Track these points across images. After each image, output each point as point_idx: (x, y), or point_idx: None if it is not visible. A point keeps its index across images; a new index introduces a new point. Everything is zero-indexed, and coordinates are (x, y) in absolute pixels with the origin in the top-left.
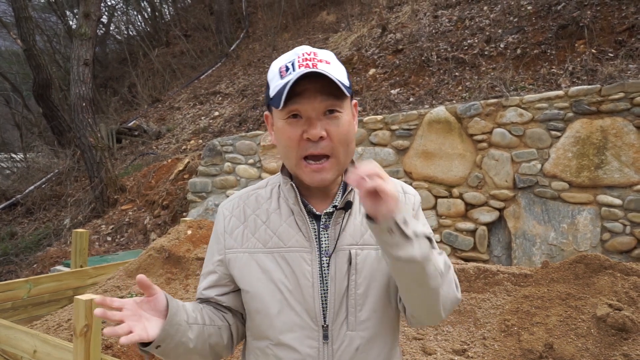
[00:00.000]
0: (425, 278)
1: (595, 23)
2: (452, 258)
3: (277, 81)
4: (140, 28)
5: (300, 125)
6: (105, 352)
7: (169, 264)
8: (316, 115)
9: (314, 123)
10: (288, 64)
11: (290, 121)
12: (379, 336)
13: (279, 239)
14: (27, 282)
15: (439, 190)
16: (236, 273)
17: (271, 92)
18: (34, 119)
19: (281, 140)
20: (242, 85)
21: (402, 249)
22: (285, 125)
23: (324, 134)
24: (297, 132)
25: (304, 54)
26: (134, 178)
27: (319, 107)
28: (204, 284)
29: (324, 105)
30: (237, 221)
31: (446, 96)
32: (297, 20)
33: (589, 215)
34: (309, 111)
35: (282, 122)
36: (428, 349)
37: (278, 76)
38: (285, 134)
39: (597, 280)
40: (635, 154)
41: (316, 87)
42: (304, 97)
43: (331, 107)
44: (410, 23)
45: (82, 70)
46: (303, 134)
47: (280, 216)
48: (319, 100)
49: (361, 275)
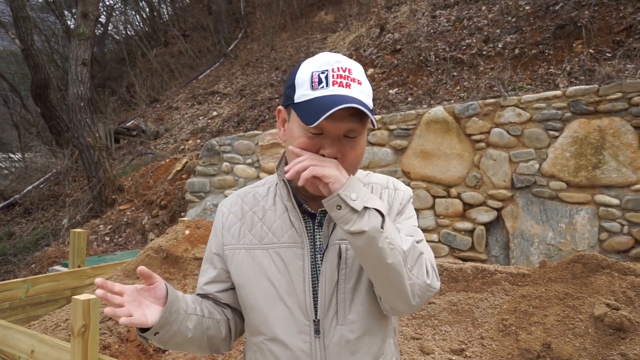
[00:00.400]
0: (380, 253)
1: (593, 23)
2: (450, 258)
3: (307, 90)
4: (138, 28)
5: (319, 141)
6: (103, 352)
7: (167, 264)
8: (337, 136)
9: (334, 143)
10: (321, 75)
11: (311, 136)
12: (370, 330)
13: (274, 235)
14: (25, 282)
15: (437, 190)
16: (233, 269)
17: (297, 98)
18: (32, 119)
19: (294, 144)
20: (241, 85)
21: (351, 222)
22: (304, 139)
23: (339, 155)
24: (315, 145)
25: (339, 69)
26: (132, 178)
27: (342, 128)
28: (203, 279)
29: (347, 128)
30: (234, 218)
31: (444, 96)
32: (296, 20)
33: (586, 215)
34: (332, 132)
35: (302, 133)
36: (426, 348)
37: (309, 84)
38: (301, 144)
39: (594, 280)
40: (632, 154)
41: (346, 111)
42: (332, 118)
43: (353, 131)
44: (408, 23)
45: (80, 70)
46: (319, 150)
47: (275, 213)
48: (344, 123)
49: (351, 270)
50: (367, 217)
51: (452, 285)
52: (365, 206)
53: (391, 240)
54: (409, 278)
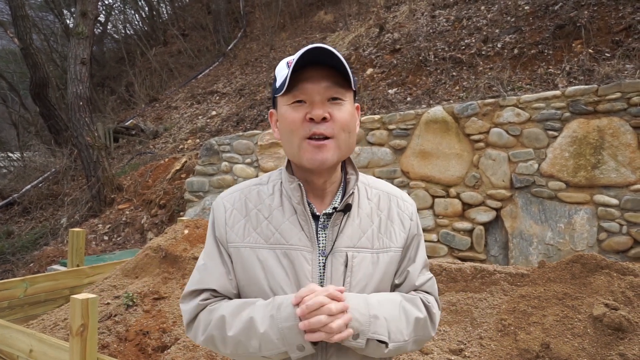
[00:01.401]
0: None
1: (592, 23)
2: (449, 257)
3: (284, 71)
4: (137, 27)
5: (304, 109)
6: (102, 352)
7: (166, 263)
8: (320, 99)
9: (318, 105)
10: (295, 57)
11: (295, 105)
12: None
13: (281, 236)
14: (23, 281)
15: (436, 190)
16: (238, 267)
17: (278, 83)
18: (31, 118)
19: (285, 125)
20: (240, 84)
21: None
22: (289, 110)
23: (327, 115)
24: (301, 114)
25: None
26: (131, 177)
27: (323, 92)
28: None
29: (329, 93)
30: (238, 214)
31: (443, 96)
32: (295, 20)
33: (585, 215)
34: (313, 95)
35: (287, 107)
36: (424, 348)
37: (285, 67)
38: (289, 117)
39: (593, 280)
40: (631, 154)
41: (322, 74)
42: (309, 82)
43: (335, 95)
44: (407, 23)
45: (79, 69)
46: (306, 115)
47: (283, 214)
48: (323, 86)
49: (356, 278)
50: (371, 348)
51: (451, 285)
52: (368, 338)
53: (395, 346)
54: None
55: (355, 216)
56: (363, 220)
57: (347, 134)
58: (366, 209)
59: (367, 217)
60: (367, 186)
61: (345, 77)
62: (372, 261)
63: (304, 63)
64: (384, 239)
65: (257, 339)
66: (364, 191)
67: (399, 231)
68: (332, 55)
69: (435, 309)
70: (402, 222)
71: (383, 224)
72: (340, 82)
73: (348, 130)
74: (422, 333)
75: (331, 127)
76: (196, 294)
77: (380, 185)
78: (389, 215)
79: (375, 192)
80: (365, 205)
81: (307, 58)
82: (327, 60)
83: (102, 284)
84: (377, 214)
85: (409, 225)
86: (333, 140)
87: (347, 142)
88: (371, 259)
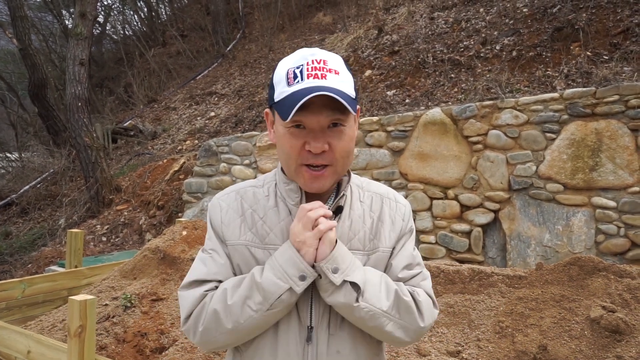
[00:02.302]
0: (359, 320)
1: (590, 26)
2: (447, 259)
3: (284, 87)
4: (136, 28)
5: (302, 136)
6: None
7: (164, 264)
8: (320, 129)
9: (318, 137)
10: (296, 70)
11: (293, 131)
12: (362, 340)
13: (276, 237)
14: (21, 282)
15: (435, 191)
16: (235, 263)
17: (276, 97)
18: (30, 119)
19: (282, 147)
20: (238, 85)
21: (328, 293)
22: (287, 135)
23: (326, 148)
24: (299, 142)
25: (314, 61)
26: (130, 178)
27: (324, 121)
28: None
29: (329, 120)
30: (234, 214)
31: (442, 98)
32: (294, 21)
33: (583, 217)
34: (313, 124)
35: (285, 130)
36: (422, 350)
37: (285, 82)
38: (287, 143)
39: (591, 282)
40: (629, 156)
41: (322, 101)
42: (309, 111)
43: (335, 121)
44: (406, 25)
45: (77, 70)
46: (305, 145)
47: (277, 214)
48: (324, 115)
49: None
50: (343, 291)
51: (449, 287)
52: (345, 280)
53: (369, 308)
54: (400, 327)
55: (346, 218)
56: (354, 222)
57: (345, 158)
58: (358, 211)
59: (359, 219)
60: (361, 189)
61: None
62: (363, 263)
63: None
64: (375, 240)
65: (258, 291)
66: (357, 193)
67: (389, 232)
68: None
69: (423, 298)
70: (393, 223)
71: (375, 226)
72: (342, 109)
73: (347, 155)
74: (406, 316)
75: (330, 156)
76: (200, 284)
77: (373, 188)
78: (380, 216)
79: (369, 195)
80: (358, 207)
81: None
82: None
83: (100, 285)
84: (370, 216)
85: (400, 226)
86: (331, 168)
87: (344, 164)
88: (362, 260)
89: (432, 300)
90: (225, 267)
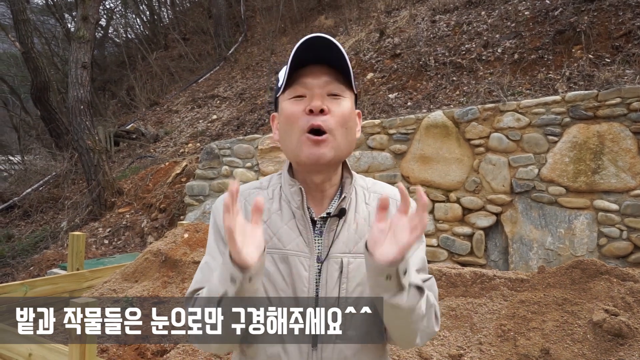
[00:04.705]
0: (406, 321)
1: (592, 29)
2: (449, 262)
3: (286, 70)
4: (138, 31)
5: (303, 103)
6: (101, 356)
7: (166, 267)
8: (320, 93)
9: (317, 97)
10: (296, 46)
11: (295, 100)
12: (368, 346)
13: (279, 241)
14: (23, 284)
15: (436, 194)
16: None
17: (280, 81)
18: (32, 122)
19: (284, 119)
20: (240, 88)
21: (392, 295)
22: (289, 104)
23: (325, 108)
24: (300, 107)
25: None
26: (132, 181)
27: (323, 86)
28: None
29: (328, 88)
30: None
31: (444, 100)
32: (296, 25)
33: (585, 220)
34: (313, 88)
35: (287, 102)
36: (424, 354)
37: (287, 66)
38: (288, 110)
39: (593, 286)
40: (631, 159)
41: (322, 70)
42: (309, 77)
43: (334, 91)
44: (408, 28)
45: (80, 73)
46: (305, 108)
47: (281, 218)
48: (323, 80)
49: (352, 284)
50: (407, 294)
51: (451, 290)
52: (410, 283)
53: (419, 311)
54: (421, 332)
55: (351, 221)
56: (360, 225)
57: (345, 129)
58: (364, 214)
59: (364, 221)
60: (366, 190)
61: (345, 74)
62: None
63: (305, 59)
64: None
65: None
66: (362, 195)
67: None
68: (331, 47)
69: (436, 303)
70: None
71: None
72: (340, 79)
73: (346, 126)
74: (429, 321)
75: (329, 120)
76: (198, 293)
77: (379, 189)
78: None
79: (375, 196)
80: (363, 209)
81: (308, 54)
82: (327, 56)
83: (101, 287)
84: None
85: None
86: (331, 136)
87: (345, 139)
88: None
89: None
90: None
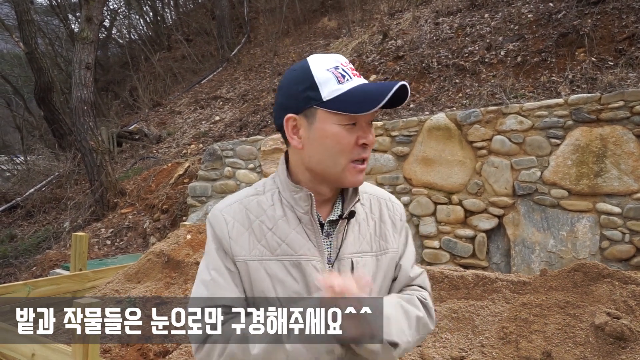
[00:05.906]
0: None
1: (595, 31)
2: (451, 265)
3: (335, 86)
4: (142, 32)
5: (355, 131)
6: (104, 356)
7: (168, 268)
8: (367, 124)
9: (367, 130)
10: (339, 70)
11: (349, 128)
12: None
13: (289, 247)
14: (26, 285)
15: (439, 196)
16: (245, 280)
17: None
18: (35, 122)
19: (334, 144)
20: (243, 90)
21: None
22: (343, 132)
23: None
24: (353, 137)
25: (348, 63)
26: (134, 182)
27: (370, 117)
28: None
29: (372, 117)
30: (241, 227)
31: (446, 103)
32: (299, 26)
33: (588, 223)
34: (366, 118)
35: (339, 128)
36: (426, 356)
37: (334, 80)
38: (343, 140)
39: (595, 289)
40: (634, 163)
41: None
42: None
43: (373, 118)
44: (411, 30)
45: (83, 74)
46: (358, 140)
47: (287, 223)
48: (372, 111)
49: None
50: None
51: (453, 292)
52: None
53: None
54: (417, 340)
55: (354, 222)
56: (361, 225)
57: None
58: (362, 214)
59: (364, 221)
60: (360, 191)
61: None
62: (373, 264)
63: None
64: (380, 241)
65: (284, 353)
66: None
67: (392, 232)
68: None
69: (431, 303)
70: (394, 224)
71: (377, 227)
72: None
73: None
74: (423, 330)
75: (369, 150)
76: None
77: (369, 190)
78: (381, 217)
79: (367, 197)
80: (361, 210)
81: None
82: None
83: (104, 288)
84: (372, 218)
85: (400, 226)
86: (367, 161)
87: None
88: (372, 261)
89: (431, 298)
90: (232, 289)
